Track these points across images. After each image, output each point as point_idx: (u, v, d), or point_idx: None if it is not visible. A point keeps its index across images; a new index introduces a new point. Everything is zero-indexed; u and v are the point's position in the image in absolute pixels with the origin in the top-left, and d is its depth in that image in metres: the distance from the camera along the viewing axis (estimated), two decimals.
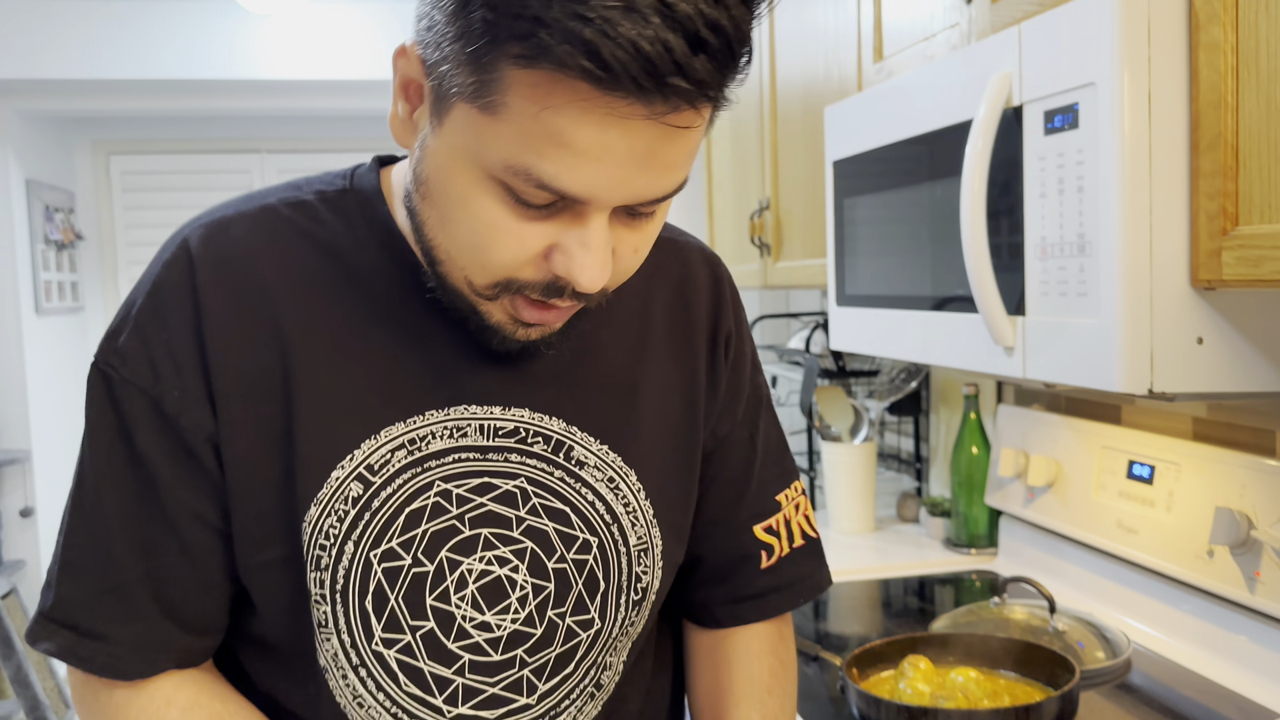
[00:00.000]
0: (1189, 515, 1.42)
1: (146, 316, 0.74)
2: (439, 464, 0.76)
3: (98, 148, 4.78)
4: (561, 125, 0.59)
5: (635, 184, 0.62)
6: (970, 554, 1.99)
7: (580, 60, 0.55)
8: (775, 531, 0.92)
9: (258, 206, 0.78)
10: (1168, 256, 1.05)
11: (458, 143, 0.64)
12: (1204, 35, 1.01)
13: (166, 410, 0.73)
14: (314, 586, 0.74)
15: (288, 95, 4.27)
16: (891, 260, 1.58)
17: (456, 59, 0.61)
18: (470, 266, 0.68)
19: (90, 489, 0.75)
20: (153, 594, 0.75)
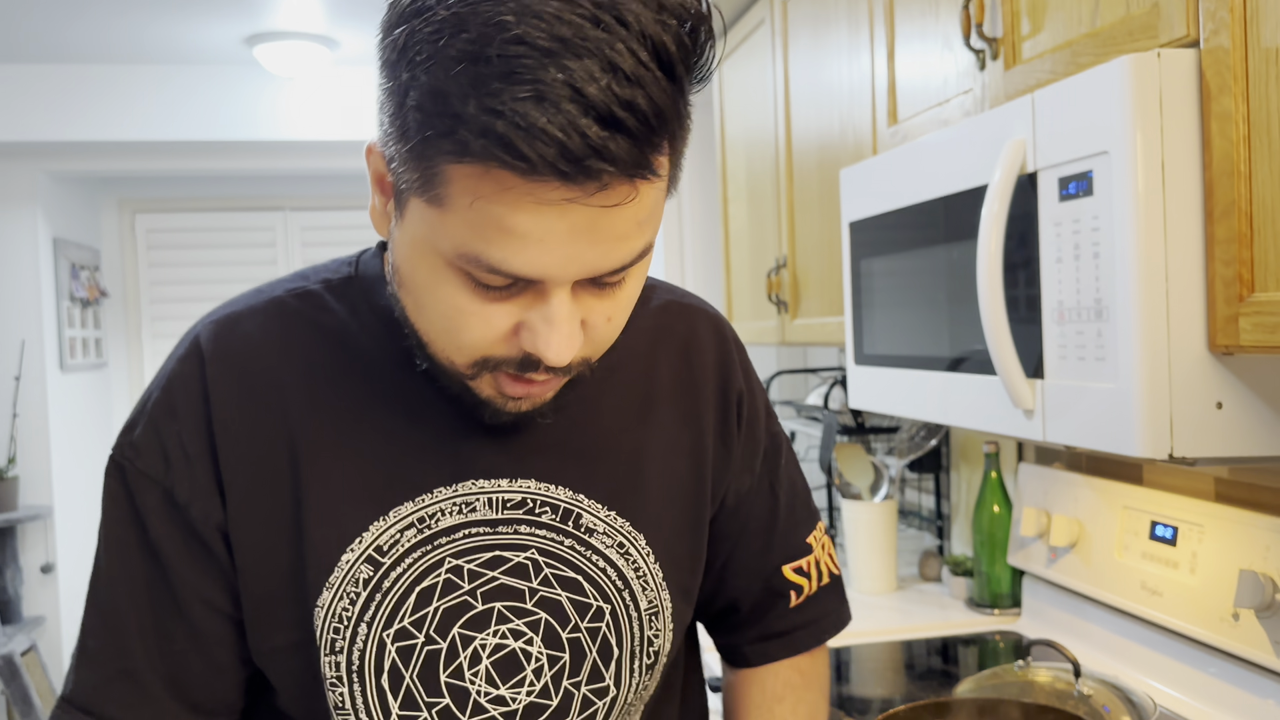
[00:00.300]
0: (1213, 577, 1.41)
1: (160, 410, 0.77)
2: (449, 540, 0.77)
3: (123, 206, 4.87)
4: (499, 213, 0.60)
5: (586, 259, 0.63)
6: (994, 614, 1.97)
7: (497, 153, 0.56)
8: (805, 572, 0.94)
9: (266, 300, 0.81)
10: (1185, 322, 1.06)
11: (416, 234, 0.66)
12: (1216, 105, 1.02)
13: (178, 499, 0.75)
14: (329, 670, 0.75)
15: (310, 155, 4.35)
16: (909, 321, 1.59)
17: (402, 157, 0.63)
18: (448, 348, 0.69)
19: (104, 577, 0.78)
20: (165, 678, 0.77)
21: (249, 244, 4.93)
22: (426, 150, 0.60)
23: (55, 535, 4.25)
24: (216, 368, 0.77)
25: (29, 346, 4.16)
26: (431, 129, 0.59)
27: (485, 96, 0.56)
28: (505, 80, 0.56)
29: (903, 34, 1.76)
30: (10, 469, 4.06)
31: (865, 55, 1.90)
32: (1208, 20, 1.03)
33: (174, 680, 0.77)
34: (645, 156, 0.59)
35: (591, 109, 0.56)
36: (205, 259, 4.89)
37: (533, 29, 0.56)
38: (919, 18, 1.69)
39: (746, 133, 2.66)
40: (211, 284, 4.89)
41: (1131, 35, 1.14)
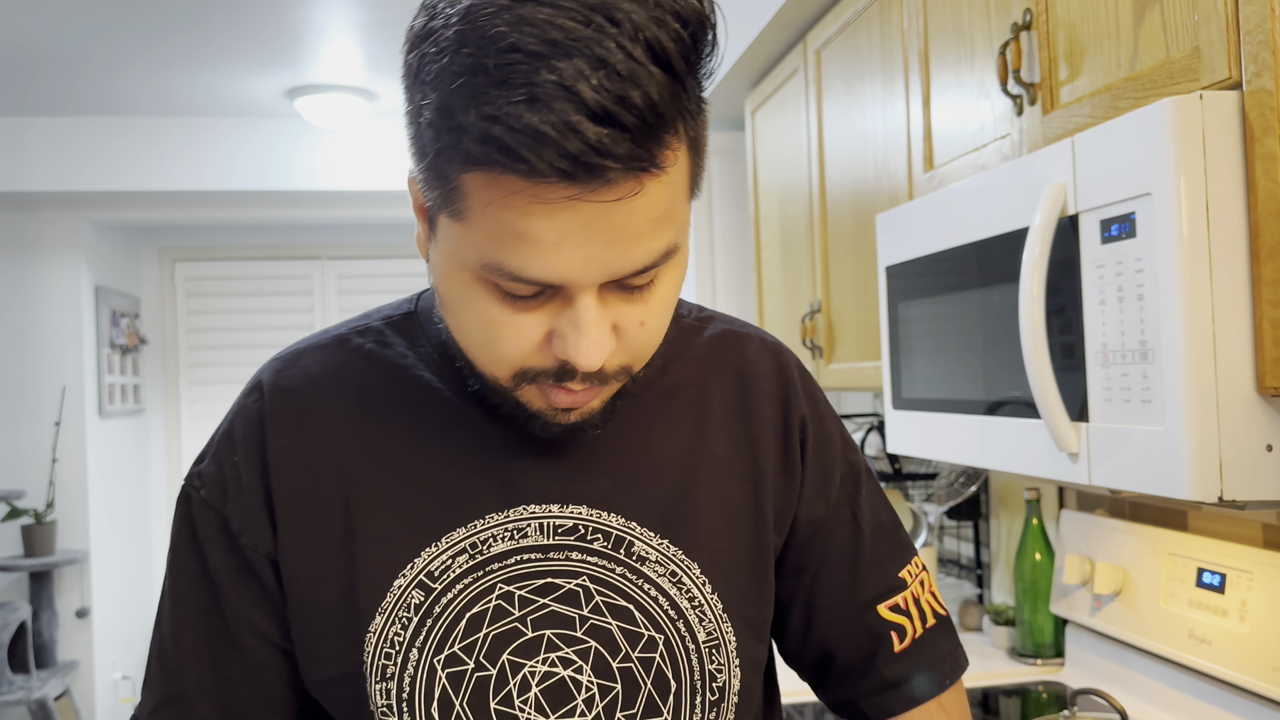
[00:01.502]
0: (1264, 625, 1.38)
1: (223, 442, 0.81)
2: (501, 566, 0.77)
3: (164, 255, 4.96)
4: (512, 219, 0.61)
5: (604, 259, 0.63)
6: (1036, 664, 1.94)
7: (497, 157, 0.58)
8: (904, 610, 0.88)
9: (330, 338, 0.84)
10: (1233, 364, 1.05)
11: (446, 251, 0.68)
12: (1260, 147, 1.02)
13: (233, 528, 0.78)
14: (379, 698, 0.75)
15: (348, 205, 4.42)
16: (948, 364, 1.58)
17: (425, 176, 0.65)
18: (488, 362, 0.71)
19: (166, 603, 0.81)
20: (216, 705, 0.79)
21: (286, 292, 4.99)
22: (441, 165, 0.62)
23: (91, 580, 4.28)
24: (274, 401, 0.80)
25: (69, 392, 4.23)
26: (441, 143, 0.61)
27: (483, 105, 0.57)
28: (500, 87, 0.57)
29: (938, 82, 1.77)
30: (49, 513, 4.11)
31: (900, 102, 1.92)
32: (1250, 63, 1.03)
33: (225, 708, 0.79)
34: (645, 150, 0.60)
35: (584, 106, 0.57)
36: (243, 306, 4.96)
37: (524, 36, 0.57)
38: (954, 65, 1.70)
39: (780, 179, 2.68)
40: (248, 331, 4.95)
41: (1172, 78, 1.14)
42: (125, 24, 3.05)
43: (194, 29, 3.11)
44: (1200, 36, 1.10)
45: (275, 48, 3.29)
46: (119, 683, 4.48)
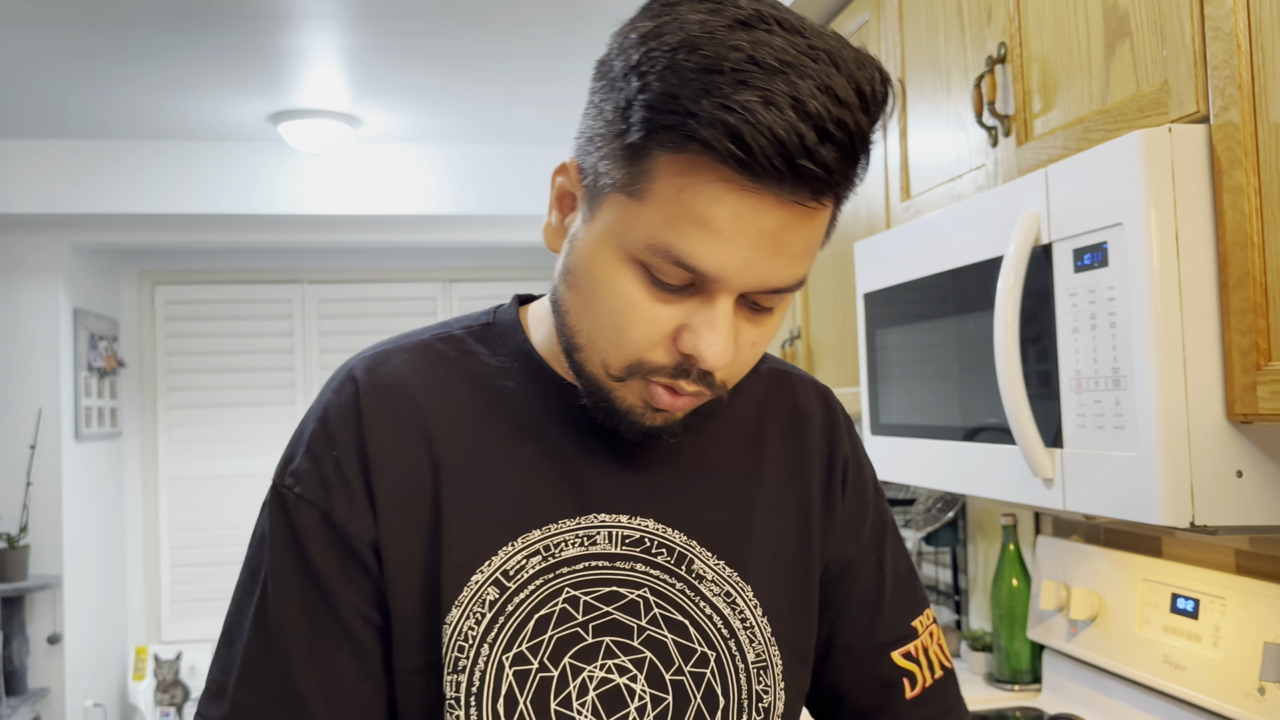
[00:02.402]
0: (1237, 650, 1.39)
1: (317, 439, 0.81)
2: (570, 570, 0.80)
3: (143, 278, 4.94)
4: (700, 205, 0.67)
5: (762, 268, 0.69)
6: (1014, 690, 1.95)
7: (725, 142, 0.64)
8: (915, 659, 0.91)
9: (414, 342, 0.87)
10: (1203, 391, 1.07)
11: (607, 230, 0.72)
12: (1227, 179, 1.05)
13: (335, 520, 0.79)
14: (449, 690, 0.77)
15: (330, 229, 4.42)
16: (925, 390, 1.60)
17: (613, 156, 0.71)
18: (607, 348, 0.74)
19: (270, 603, 0.80)
20: (327, 703, 0.78)
21: (267, 316, 4.98)
22: (646, 145, 0.68)
23: (64, 605, 4.23)
24: (370, 397, 0.82)
25: (45, 415, 4.19)
26: (656, 125, 0.66)
27: (719, 97, 0.64)
28: (736, 87, 0.64)
29: (915, 113, 1.80)
30: (22, 538, 4.06)
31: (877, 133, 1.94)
32: (1217, 97, 1.06)
33: (335, 705, 0.79)
34: (842, 174, 0.67)
35: (809, 119, 0.64)
36: (223, 330, 4.95)
37: (762, 53, 0.65)
38: (931, 97, 1.73)
39: None
40: (228, 355, 4.93)
41: (1142, 111, 1.17)
42: (107, 47, 3.05)
43: (177, 53, 3.12)
44: (1169, 71, 1.13)
45: (259, 72, 3.30)
46: (90, 710, 4.42)
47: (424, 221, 4.37)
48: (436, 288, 5.12)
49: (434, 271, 5.13)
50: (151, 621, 4.89)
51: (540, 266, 5.23)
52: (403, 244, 4.60)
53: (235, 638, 0.81)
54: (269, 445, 4.94)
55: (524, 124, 4.00)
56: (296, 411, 4.95)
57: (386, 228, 4.43)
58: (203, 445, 4.92)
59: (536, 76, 3.44)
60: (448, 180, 4.24)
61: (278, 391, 4.96)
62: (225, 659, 0.81)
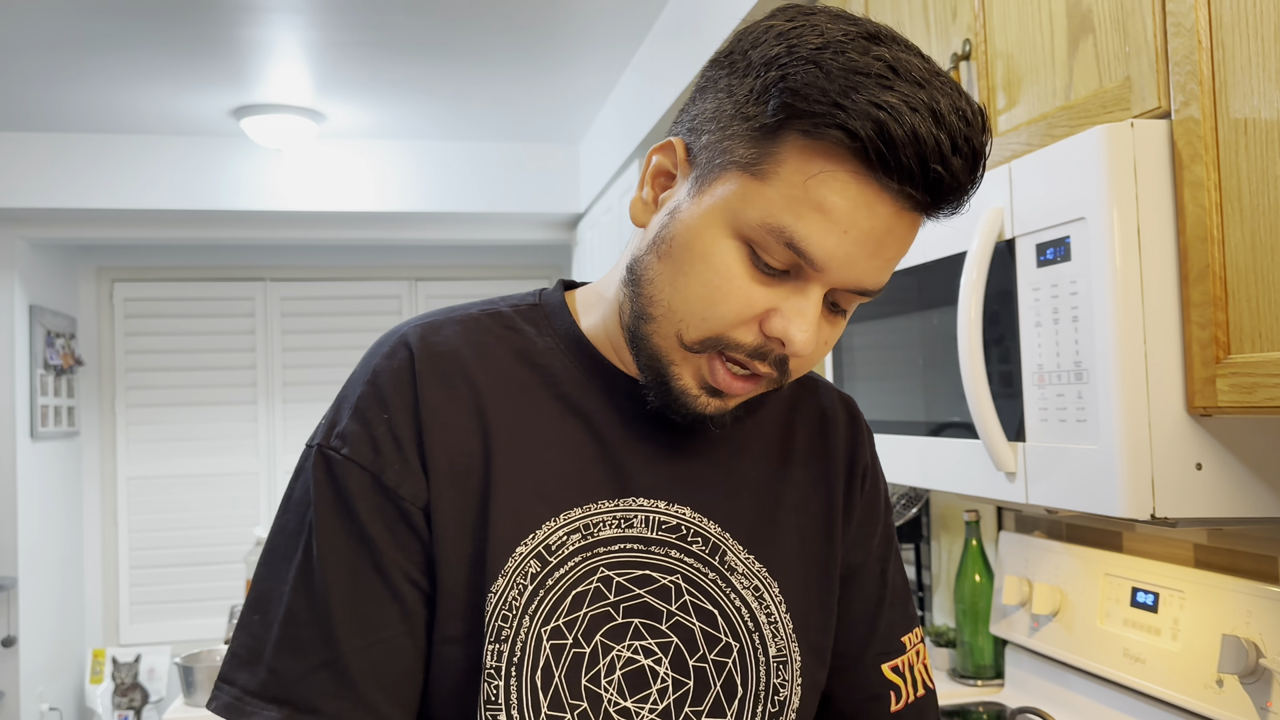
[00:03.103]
0: (1196, 643, 1.41)
1: (367, 401, 0.81)
2: (606, 551, 0.81)
3: (102, 275, 4.86)
4: (824, 193, 0.70)
5: (861, 266, 0.73)
6: (976, 685, 1.96)
7: (870, 133, 0.67)
8: (901, 673, 0.94)
9: (463, 315, 0.87)
10: (1164, 384, 1.08)
11: (719, 205, 0.74)
12: (1188, 174, 1.06)
13: (386, 483, 0.79)
14: (489, 660, 0.77)
15: (292, 226, 4.38)
16: (890, 387, 1.61)
17: (739, 135, 0.73)
18: (690, 319, 0.75)
19: (314, 566, 0.79)
20: (370, 668, 0.78)
21: (228, 314, 4.92)
22: (781, 128, 0.71)
23: (19, 607, 4.15)
24: (425, 363, 0.82)
25: (0, 415, 4.12)
26: (797, 111, 0.69)
27: (868, 95, 0.68)
28: (881, 90, 0.68)
29: None
30: None
31: None
32: (1178, 92, 1.07)
33: (379, 671, 0.78)
34: (964, 187, 0.71)
35: (945, 130, 0.68)
36: (183, 328, 4.88)
37: (906, 66, 0.69)
38: None
39: None
40: (188, 353, 4.87)
41: (1105, 107, 1.18)
42: (66, 38, 3.00)
43: (139, 45, 3.07)
44: (1131, 67, 1.14)
45: (222, 66, 3.26)
46: (46, 714, 4.35)
47: (388, 219, 4.34)
48: (402, 286, 5.09)
49: (399, 270, 5.09)
50: (109, 624, 4.82)
51: (508, 265, 5.21)
52: (367, 241, 4.56)
53: (270, 603, 0.79)
54: (230, 445, 4.88)
55: (491, 121, 3.99)
56: (258, 411, 4.90)
57: (350, 225, 4.40)
58: (162, 445, 4.85)
59: (504, 73, 3.42)
60: (413, 177, 4.22)
61: (239, 390, 4.91)
62: (257, 625, 0.79)
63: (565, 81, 3.53)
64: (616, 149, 3.59)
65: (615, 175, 3.65)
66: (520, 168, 4.31)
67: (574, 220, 4.54)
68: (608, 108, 3.77)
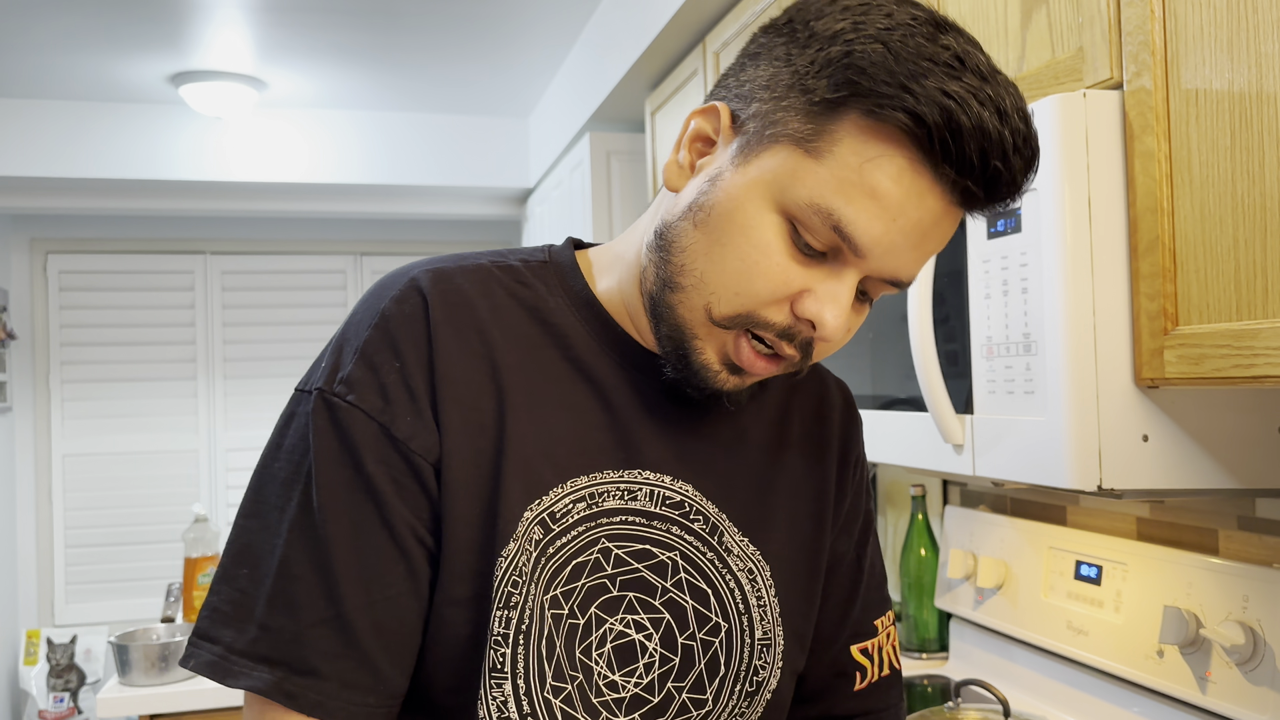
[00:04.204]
0: (1138, 615, 1.42)
1: (374, 347, 0.76)
2: (609, 522, 0.79)
3: (35, 246, 4.72)
4: (879, 178, 0.68)
5: (902, 257, 0.71)
6: (921, 658, 1.97)
7: (938, 119, 0.66)
8: (870, 655, 0.94)
9: (473, 264, 0.83)
10: (1112, 356, 1.08)
11: (765, 177, 0.72)
12: (1139, 144, 1.06)
13: (397, 435, 0.75)
14: (498, 626, 0.75)
15: (233, 197, 4.28)
16: (842, 359, 1.60)
17: (795, 108, 0.71)
18: (722, 293, 0.73)
19: (317, 517, 0.74)
20: (373, 625, 0.74)
21: (166, 287, 4.81)
22: (842, 106, 0.69)
23: None
24: (440, 311, 0.78)
25: None
26: (862, 90, 0.67)
27: (935, 82, 0.66)
28: (949, 79, 0.67)
29: None
30: None
31: None
32: (1130, 63, 1.06)
33: (382, 630, 0.74)
34: (1019, 187, 0.71)
35: (1009, 127, 0.68)
36: (120, 302, 4.76)
37: (969, 59, 0.68)
38: None
39: None
40: (126, 328, 4.75)
41: (1057, 78, 1.17)
42: None
43: (71, 7, 2.96)
44: (1084, 38, 1.13)
45: (160, 30, 3.16)
46: None
47: (332, 191, 4.26)
48: (346, 260, 5.00)
49: (343, 244, 5.00)
50: (44, 604, 4.70)
51: (456, 241, 5.14)
52: (310, 214, 4.47)
53: (259, 556, 0.74)
54: (169, 422, 4.78)
55: (439, 92, 3.92)
56: (198, 387, 4.79)
57: (293, 196, 4.30)
58: (99, 421, 4.73)
59: (452, 42, 3.36)
60: (357, 148, 4.14)
61: (178, 366, 4.80)
62: (243, 580, 0.74)
63: (515, 53, 3.48)
64: (567, 123, 3.55)
65: (566, 149, 3.61)
66: (468, 140, 4.25)
67: (523, 195, 4.49)
68: (558, 80, 3.72)
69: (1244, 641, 1.22)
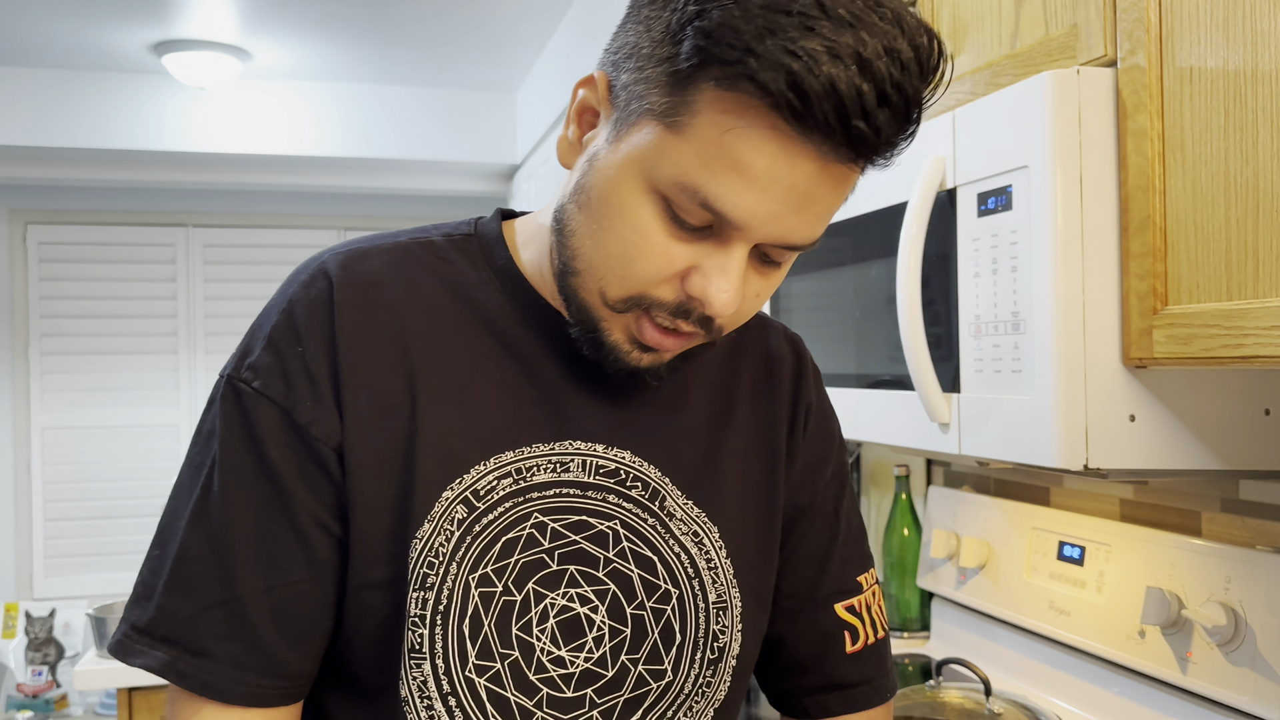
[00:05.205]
0: (1120, 596, 1.43)
1: (281, 332, 0.77)
2: (540, 496, 0.78)
3: (14, 217, 4.67)
4: (741, 150, 0.65)
5: (786, 223, 0.68)
6: (903, 638, 1.98)
7: (783, 88, 0.61)
8: (857, 613, 0.92)
9: (391, 243, 0.82)
10: (1100, 335, 1.07)
11: (634, 156, 0.69)
12: (1131, 122, 1.05)
13: (298, 420, 0.75)
14: (414, 608, 0.75)
15: (216, 169, 4.24)
16: (827, 339, 1.59)
17: (655, 80, 0.67)
18: (610, 277, 0.71)
19: (215, 502, 0.75)
20: (270, 611, 0.74)
21: (148, 260, 4.76)
22: (694, 75, 0.65)
23: None
24: (345, 293, 0.77)
25: None
26: (711, 57, 0.63)
27: (784, 40, 0.61)
28: (802, 32, 0.62)
29: None
30: None
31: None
32: (1125, 40, 1.05)
33: (279, 615, 0.75)
34: (894, 139, 0.65)
35: (872, 78, 0.62)
36: (101, 274, 4.71)
37: (834, 3, 0.63)
38: None
39: None
40: (107, 300, 4.71)
41: (1051, 56, 1.16)
42: None
43: None
44: (1078, 14, 1.12)
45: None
46: None
47: (317, 164, 4.22)
48: (330, 235, 4.96)
49: (328, 219, 4.97)
50: (23, 577, 4.68)
51: (441, 217, 5.11)
52: (294, 188, 4.43)
53: (167, 538, 0.76)
54: (150, 396, 4.74)
55: (426, 65, 3.88)
56: (179, 361, 4.76)
57: (277, 169, 4.26)
58: (79, 395, 4.69)
59: (440, 15, 3.33)
60: (343, 121, 4.10)
61: (159, 340, 4.76)
62: (156, 560, 0.76)
63: (503, 26, 3.45)
64: (555, 98, 3.52)
65: (554, 125, 3.58)
66: (455, 115, 4.22)
67: (510, 171, 4.46)
68: (546, 54, 3.69)
69: (1226, 622, 1.22)
